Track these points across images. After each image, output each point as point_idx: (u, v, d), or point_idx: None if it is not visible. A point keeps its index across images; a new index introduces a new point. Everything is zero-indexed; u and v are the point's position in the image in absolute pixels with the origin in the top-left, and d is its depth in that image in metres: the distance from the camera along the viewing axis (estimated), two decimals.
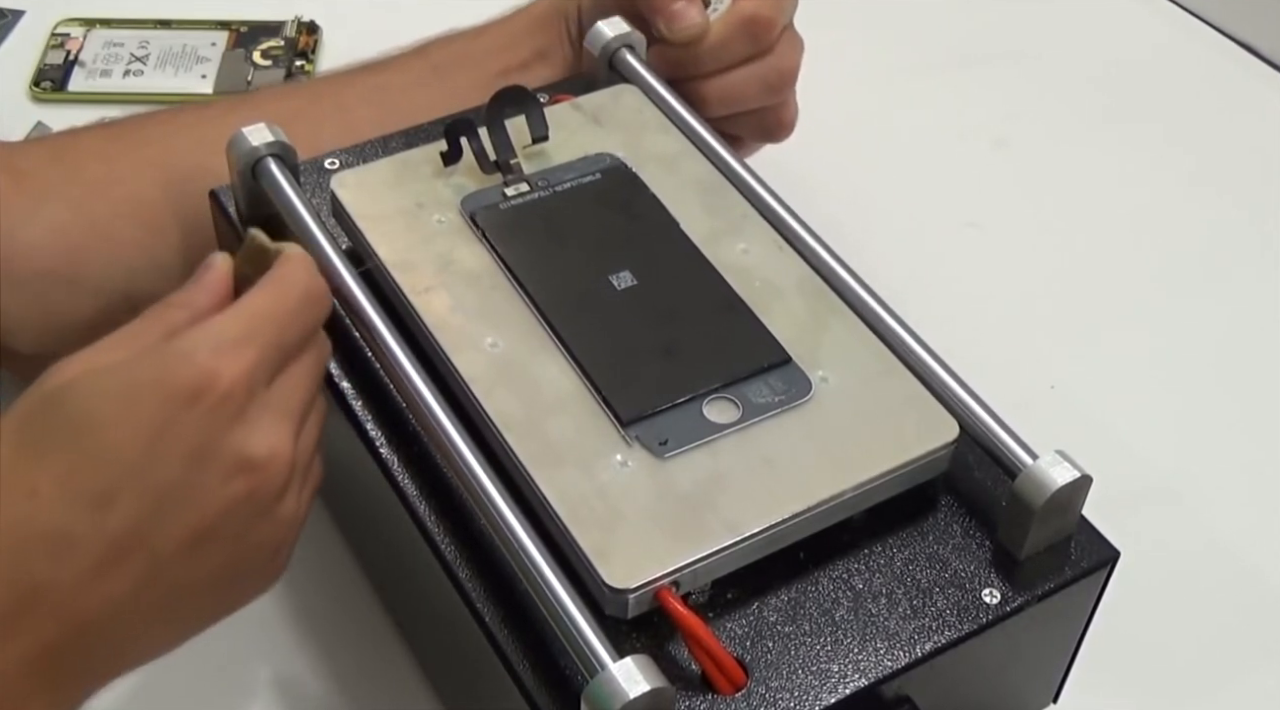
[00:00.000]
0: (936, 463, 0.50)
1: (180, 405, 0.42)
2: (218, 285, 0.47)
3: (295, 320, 0.46)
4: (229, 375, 0.43)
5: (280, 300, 0.46)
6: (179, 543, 0.42)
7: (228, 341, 0.44)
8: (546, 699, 0.46)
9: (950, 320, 0.58)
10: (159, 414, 0.42)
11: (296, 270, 0.47)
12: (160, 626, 0.44)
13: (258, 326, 0.45)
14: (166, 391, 0.42)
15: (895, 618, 0.48)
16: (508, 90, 0.58)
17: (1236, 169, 0.83)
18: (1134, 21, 0.93)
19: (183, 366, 0.42)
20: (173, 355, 0.43)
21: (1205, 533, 0.65)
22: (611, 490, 0.47)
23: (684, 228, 0.56)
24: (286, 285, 0.46)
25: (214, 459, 0.42)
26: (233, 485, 0.43)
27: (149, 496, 0.41)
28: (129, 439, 0.41)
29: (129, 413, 0.41)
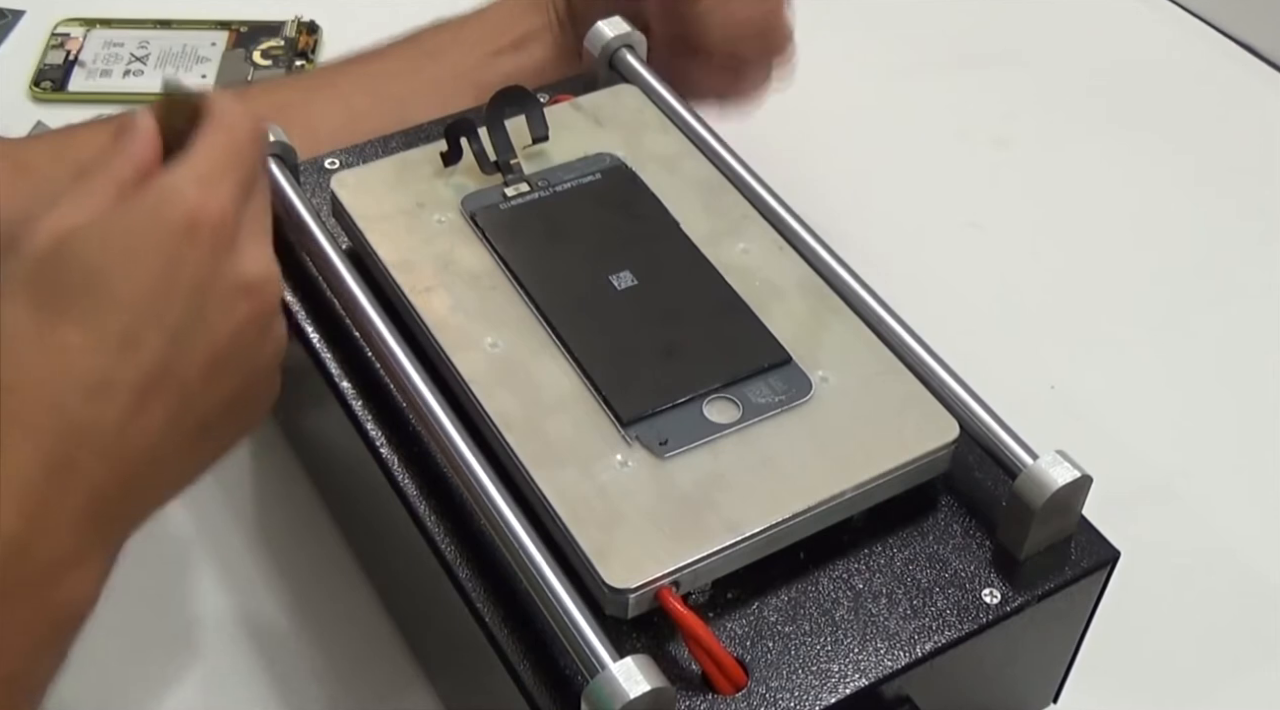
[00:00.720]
0: (936, 463, 0.50)
1: (180, 241, 0.44)
2: (150, 137, 0.47)
3: (251, 152, 0.48)
4: (217, 206, 0.45)
5: (236, 132, 0.47)
6: (201, 370, 0.45)
7: (205, 176, 0.45)
8: (546, 699, 0.46)
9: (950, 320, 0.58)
10: (163, 252, 0.44)
11: (234, 110, 0.48)
12: (189, 456, 0.47)
13: (227, 157, 0.46)
14: (166, 230, 0.44)
15: (895, 618, 0.48)
16: (508, 90, 0.58)
17: (1236, 169, 0.83)
18: (1134, 21, 0.93)
19: (175, 204, 0.44)
20: (162, 194, 0.45)
21: (1205, 533, 0.65)
22: (611, 490, 0.47)
23: (684, 228, 0.56)
24: (233, 123, 0.48)
25: (219, 287, 0.45)
26: (237, 309, 0.46)
27: (169, 331, 0.44)
28: (141, 280, 0.43)
29: (136, 256, 0.43)
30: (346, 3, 0.88)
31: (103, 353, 0.43)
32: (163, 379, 0.44)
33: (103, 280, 0.43)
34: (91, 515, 0.43)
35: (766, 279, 0.55)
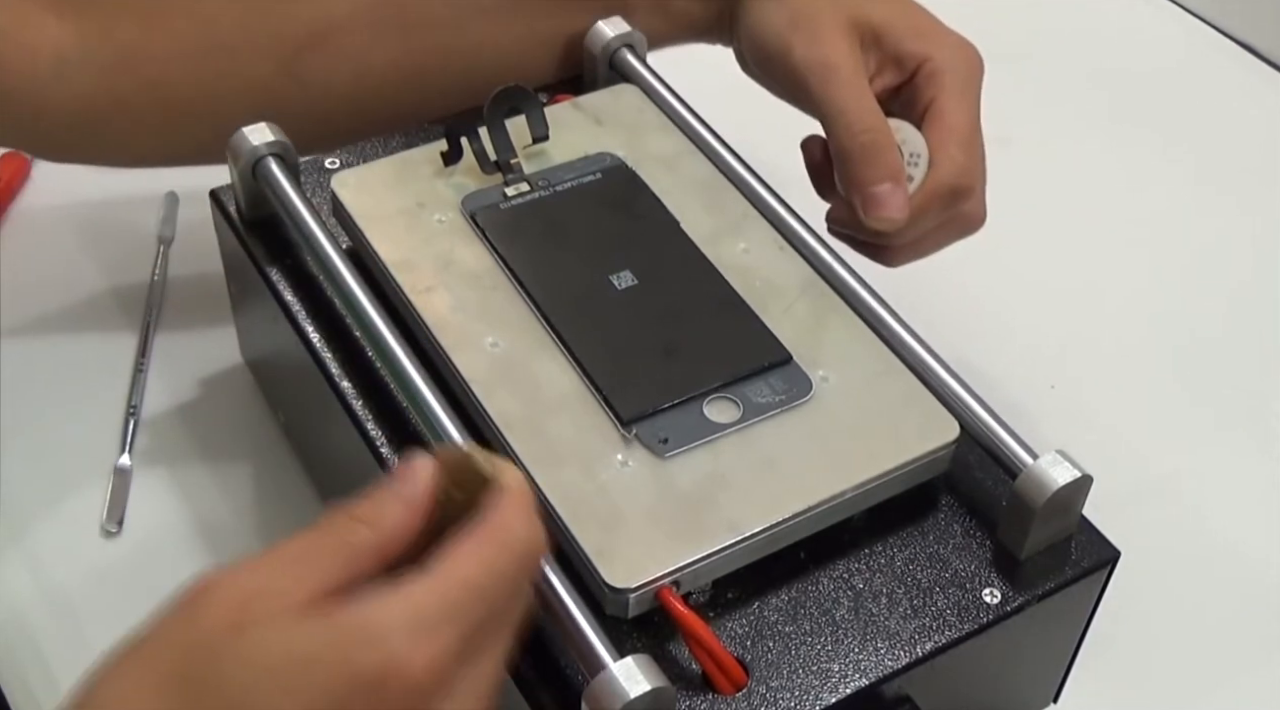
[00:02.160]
0: (937, 462, 0.50)
1: (357, 693, 0.35)
2: (416, 503, 0.39)
3: (508, 589, 0.39)
4: (421, 663, 0.36)
5: (495, 567, 0.38)
6: None
7: (427, 622, 0.36)
8: (547, 698, 0.46)
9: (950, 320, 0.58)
10: (332, 703, 0.35)
11: (515, 520, 0.39)
12: None
13: (464, 602, 0.37)
14: (346, 677, 0.35)
15: (896, 617, 0.48)
16: (508, 90, 0.58)
17: (1236, 168, 0.83)
18: (1134, 21, 0.93)
19: (370, 649, 0.36)
20: (359, 631, 0.36)
21: (1205, 533, 0.65)
22: (612, 490, 0.47)
23: (684, 227, 0.56)
24: (503, 544, 0.39)
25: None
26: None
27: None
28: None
29: (294, 698, 0.35)
30: None
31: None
32: None
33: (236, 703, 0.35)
34: None
35: (766, 279, 0.55)
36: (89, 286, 0.72)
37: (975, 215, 0.60)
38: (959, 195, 0.58)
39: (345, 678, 0.35)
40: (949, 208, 0.58)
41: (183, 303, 0.71)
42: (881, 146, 0.56)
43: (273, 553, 0.38)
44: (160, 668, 0.35)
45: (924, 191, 0.57)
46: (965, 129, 0.58)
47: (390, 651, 0.36)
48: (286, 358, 0.58)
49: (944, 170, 0.57)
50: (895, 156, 0.57)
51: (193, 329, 0.69)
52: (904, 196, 0.56)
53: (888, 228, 0.57)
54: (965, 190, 0.58)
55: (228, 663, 0.35)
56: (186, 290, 0.71)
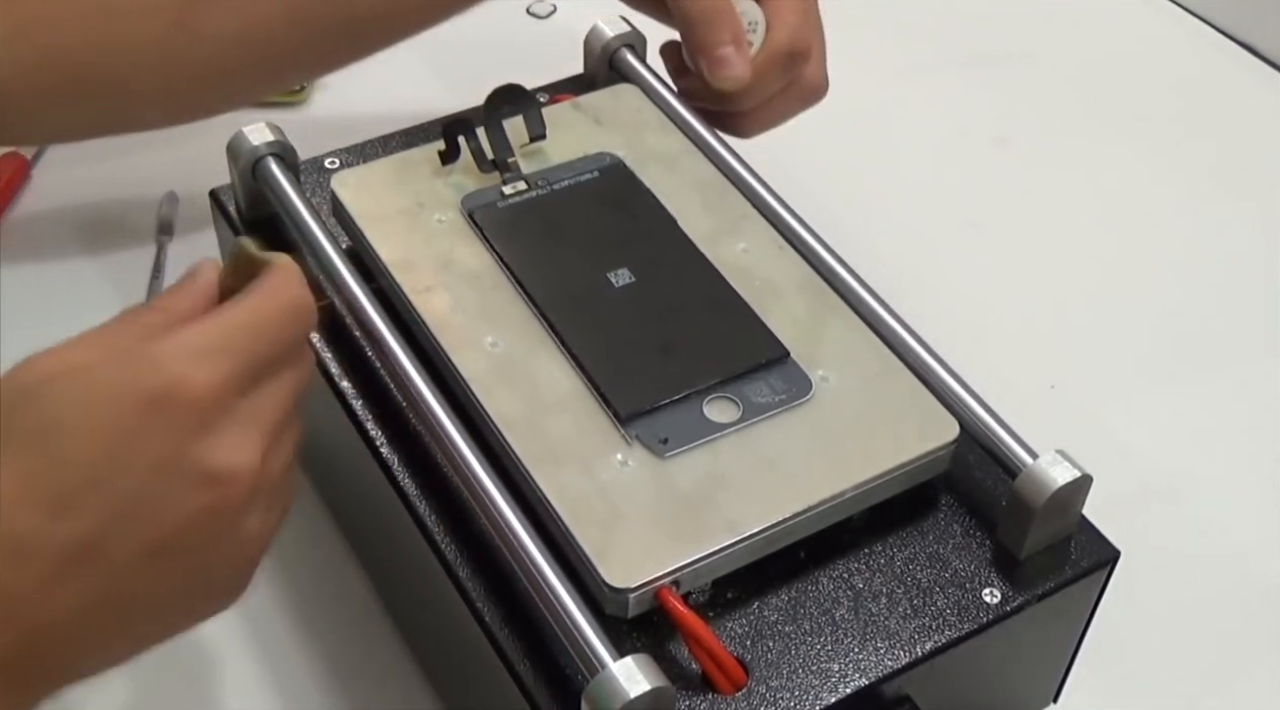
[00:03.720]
0: (937, 462, 0.50)
1: (145, 412, 0.40)
2: (201, 292, 0.45)
3: (275, 333, 0.44)
4: (198, 383, 0.41)
5: (261, 311, 0.44)
6: (136, 555, 0.40)
7: (201, 349, 0.42)
8: (547, 698, 0.46)
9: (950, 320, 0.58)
10: (123, 420, 0.40)
11: (282, 281, 0.45)
12: (117, 638, 0.43)
13: (235, 336, 0.43)
14: (132, 397, 0.40)
15: (895, 617, 0.48)
16: (505, 89, 0.58)
17: (1236, 168, 0.83)
18: (1134, 21, 0.93)
19: (151, 372, 0.41)
20: (142, 360, 0.41)
21: (1205, 533, 0.65)
22: (612, 490, 0.47)
23: (684, 227, 0.56)
24: (270, 296, 0.44)
25: (176, 470, 0.41)
26: (194, 498, 0.41)
27: (108, 505, 0.40)
28: (91, 444, 0.40)
29: (93, 417, 0.40)
30: None
31: (29, 513, 0.39)
32: (91, 554, 0.40)
33: (52, 436, 0.40)
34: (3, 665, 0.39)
35: (766, 278, 0.55)
36: (89, 286, 0.72)
37: (816, 80, 0.65)
38: (795, 57, 0.63)
39: (133, 396, 0.40)
40: (789, 70, 0.64)
41: None
42: (721, 11, 0.62)
43: (78, 336, 0.42)
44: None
45: (763, 53, 0.63)
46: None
47: (170, 371, 0.41)
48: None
49: (779, 32, 0.63)
50: (736, 20, 0.62)
51: None
52: (745, 57, 0.62)
53: (732, 87, 0.62)
54: (801, 52, 0.63)
55: (34, 402, 0.40)
56: None
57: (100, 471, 0.40)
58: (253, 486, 0.42)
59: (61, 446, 0.40)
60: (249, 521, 0.43)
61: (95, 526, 0.40)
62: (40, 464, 0.40)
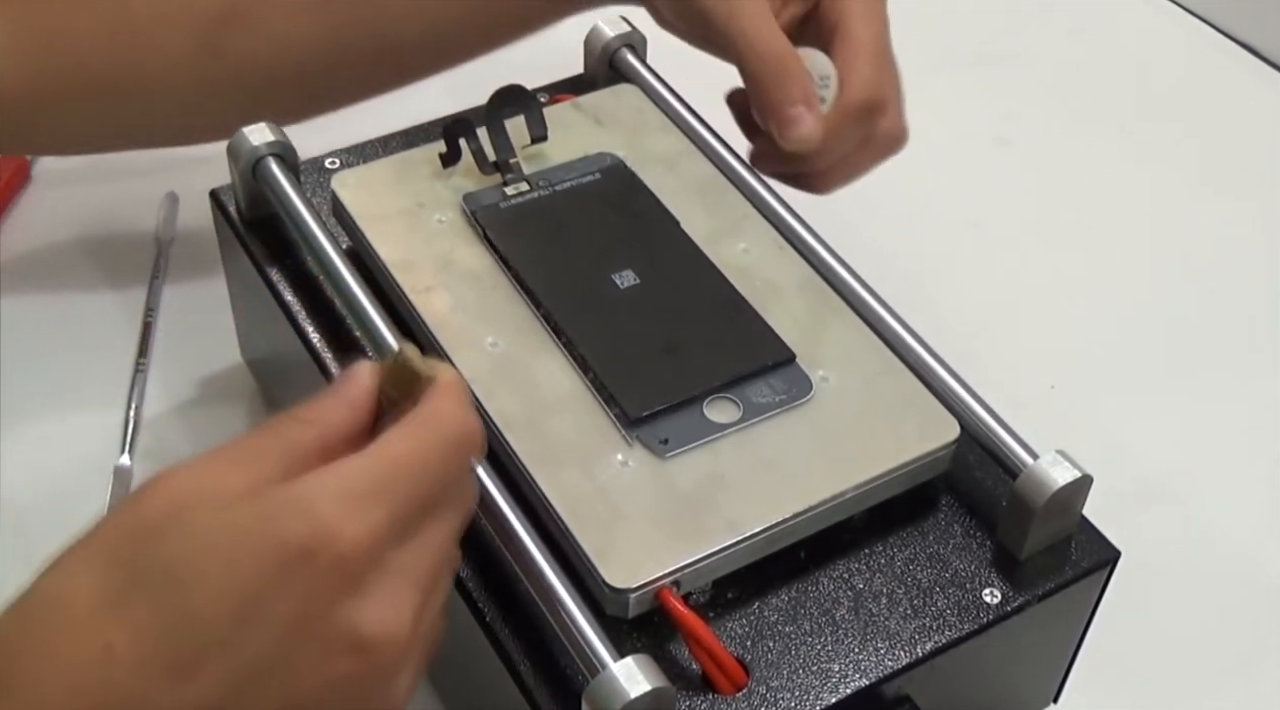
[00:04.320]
0: (937, 462, 0.50)
1: (287, 564, 0.36)
2: (358, 403, 0.40)
3: (439, 471, 0.39)
4: (350, 535, 0.36)
5: (424, 447, 0.39)
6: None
7: (355, 494, 0.37)
8: (547, 699, 0.46)
9: (950, 320, 0.58)
10: (261, 573, 0.35)
11: (447, 407, 0.40)
12: None
13: (394, 478, 0.38)
14: (273, 546, 0.36)
15: (896, 617, 0.48)
16: (507, 90, 0.58)
17: (1236, 168, 0.83)
18: (1134, 22, 0.93)
19: (297, 518, 0.36)
20: (288, 504, 0.36)
21: (1205, 533, 0.65)
22: (612, 490, 0.47)
23: (684, 227, 0.56)
24: (434, 427, 0.39)
25: (317, 632, 0.36)
26: (336, 665, 0.36)
27: (237, 669, 0.35)
28: (223, 599, 0.35)
29: (227, 568, 0.35)
30: None
31: (149, 674, 0.35)
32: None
33: (180, 587, 0.35)
34: None
35: (767, 279, 0.55)
36: (89, 286, 0.72)
37: (895, 131, 0.61)
38: (872, 109, 0.59)
39: (274, 547, 0.36)
40: (864, 123, 0.60)
41: (183, 303, 0.71)
42: (790, 69, 0.58)
43: (216, 451, 0.38)
44: (101, 553, 0.36)
45: (836, 109, 0.59)
46: (872, 45, 0.60)
47: (317, 521, 0.36)
48: (286, 358, 0.58)
49: (853, 85, 0.59)
50: (804, 78, 0.58)
51: (193, 329, 0.69)
52: (817, 115, 0.58)
53: (804, 148, 0.58)
54: (877, 104, 0.59)
55: (164, 542, 0.36)
56: (186, 290, 0.71)
57: (231, 631, 0.35)
58: (405, 651, 0.38)
59: (189, 599, 0.35)
60: (397, 685, 0.38)
61: (221, 693, 0.35)
62: (163, 618, 0.35)
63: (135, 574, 0.36)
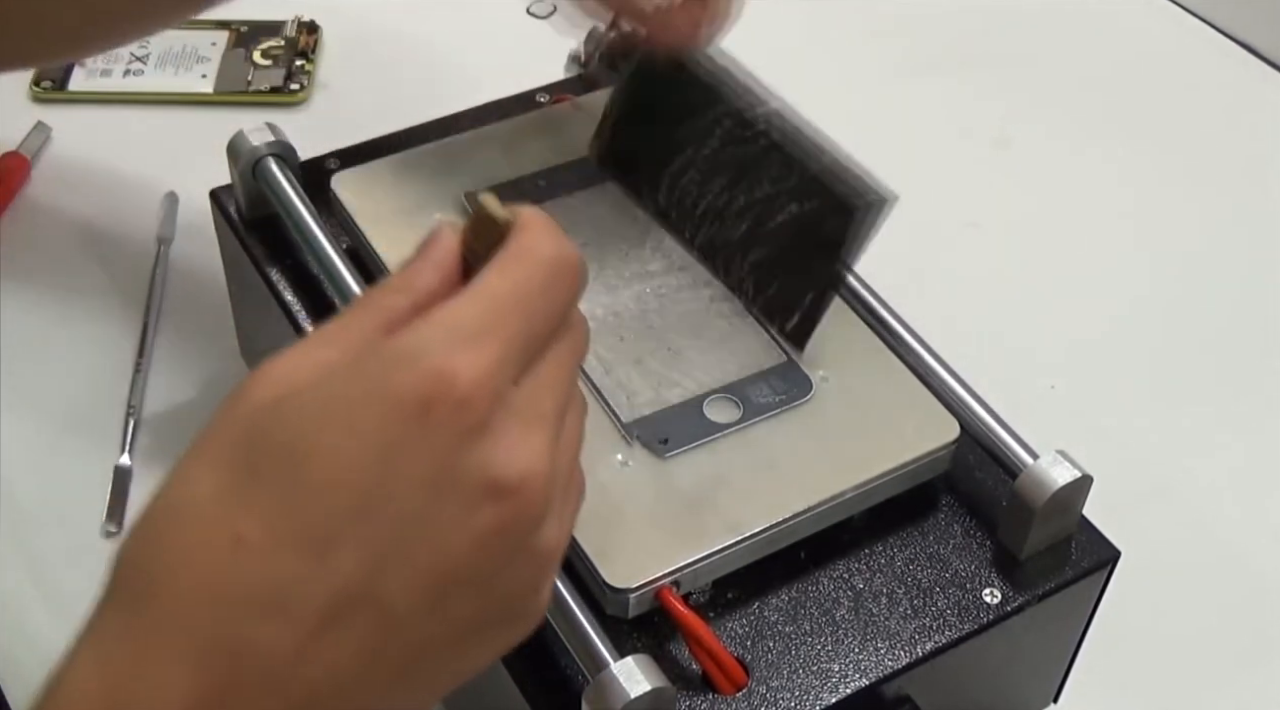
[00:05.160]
0: (937, 463, 0.50)
1: (409, 421, 0.34)
2: (445, 263, 0.38)
3: (544, 301, 0.37)
4: (467, 377, 0.34)
5: (524, 278, 0.37)
6: (416, 593, 0.34)
7: (463, 335, 0.35)
8: (547, 699, 0.46)
9: (950, 320, 0.58)
10: (384, 434, 0.34)
11: (539, 238, 0.38)
12: (401, 692, 0.36)
13: (499, 313, 0.36)
14: (391, 405, 0.34)
15: (896, 617, 0.48)
16: None
17: (1236, 169, 0.83)
18: (1134, 22, 0.93)
19: (408, 371, 0.34)
20: (395, 358, 0.34)
21: (1205, 532, 0.65)
22: (612, 490, 0.47)
23: None
24: (530, 258, 0.37)
25: (455, 485, 0.34)
26: (480, 517, 0.34)
27: (378, 538, 0.34)
28: (348, 468, 0.34)
29: (346, 435, 0.34)
30: (347, 2, 0.88)
31: (285, 557, 0.33)
32: (361, 601, 0.34)
33: (301, 464, 0.34)
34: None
35: None
36: (89, 286, 0.72)
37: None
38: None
39: (391, 404, 0.34)
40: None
41: (183, 303, 0.71)
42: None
43: (311, 336, 0.37)
44: (215, 451, 0.35)
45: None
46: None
47: (430, 367, 0.34)
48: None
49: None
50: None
51: (193, 329, 0.69)
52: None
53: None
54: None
55: (278, 425, 0.34)
56: (186, 290, 0.71)
57: (362, 499, 0.34)
58: (546, 490, 0.35)
59: (312, 474, 0.34)
60: (544, 533, 0.36)
61: (364, 565, 0.34)
62: (289, 498, 0.34)
63: (253, 462, 0.34)
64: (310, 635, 0.33)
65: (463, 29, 0.86)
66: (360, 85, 0.83)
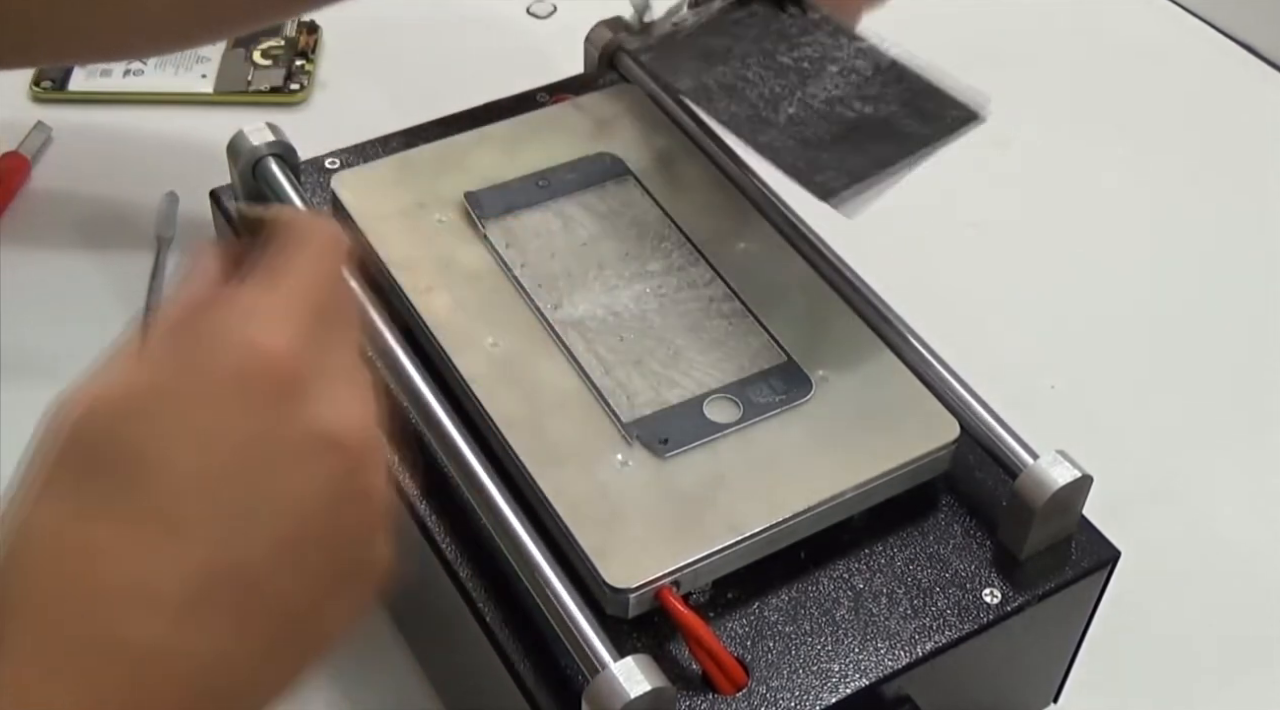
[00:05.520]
0: (937, 462, 0.50)
1: (229, 395, 0.35)
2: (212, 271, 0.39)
3: (322, 275, 0.39)
4: (273, 345, 0.36)
5: (299, 261, 0.38)
6: (272, 553, 0.35)
7: (262, 315, 0.36)
8: (547, 699, 0.46)
9: (950, 320, 0.58)
10: (209, 413, 0.35)
11: (301, 226, 0.40)
12: (273, 667, 0.36)
13: (290, 293, 0.37)
14: (209, 384, 0.35)
15: (896, 617, 0.48)
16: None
17: (1236, 169, 0.83)
18: (1134, 21, 0.93)
19: (218, 351, 0.35)
20: (200, 344, 0.36)
21: (1205, 533, 0.65)
22: (612, 490, 0.47)
23: (684, 227, 0.56)
24: (297, 240, 0.39)
25: (288, 445, 0.35)
26: (318, 470, 0.36)
27: (226, 510, 0.35)
28: (184, 452, 0.34)
29: (175, 424, 0.35)
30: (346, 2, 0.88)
31: (140, 550, 0.34)
32: (222, 573, 0.34)
33: (138, 458, 0.34)
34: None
35: (766, 279, 0.55)
36: (89, 286, 0.72)
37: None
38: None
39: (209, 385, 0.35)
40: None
41: None
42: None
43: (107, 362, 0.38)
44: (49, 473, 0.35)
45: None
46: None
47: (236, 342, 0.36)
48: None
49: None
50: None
51: None
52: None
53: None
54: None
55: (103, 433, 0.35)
56: None
57: (204, 476, 0.35)
58: (368, 438, 0.37)
59: (151, 467, 0.34)
60: (374, 478, 0.38)
61: (219, 538, 0.34)
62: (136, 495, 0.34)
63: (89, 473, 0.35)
64: (179, 617, 0.34)
65: (463, 29, 0.86)
66: (360, 85, 0.82)
